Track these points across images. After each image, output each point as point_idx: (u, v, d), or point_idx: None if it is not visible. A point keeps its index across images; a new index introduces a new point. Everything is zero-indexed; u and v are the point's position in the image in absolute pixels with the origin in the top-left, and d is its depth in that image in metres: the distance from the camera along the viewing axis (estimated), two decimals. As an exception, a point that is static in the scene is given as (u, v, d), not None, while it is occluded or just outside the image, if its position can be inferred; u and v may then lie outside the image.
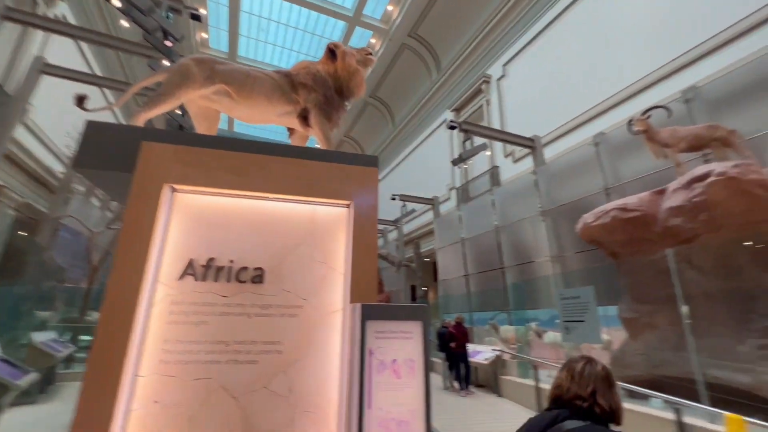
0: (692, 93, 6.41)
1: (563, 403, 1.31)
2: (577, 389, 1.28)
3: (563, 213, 8.95)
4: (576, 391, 1.28)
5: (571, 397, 1.29)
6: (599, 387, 1.27)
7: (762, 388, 3.59)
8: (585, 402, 1.26)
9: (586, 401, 1.26)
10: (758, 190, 3.73)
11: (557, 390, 1.35)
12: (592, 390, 1.27)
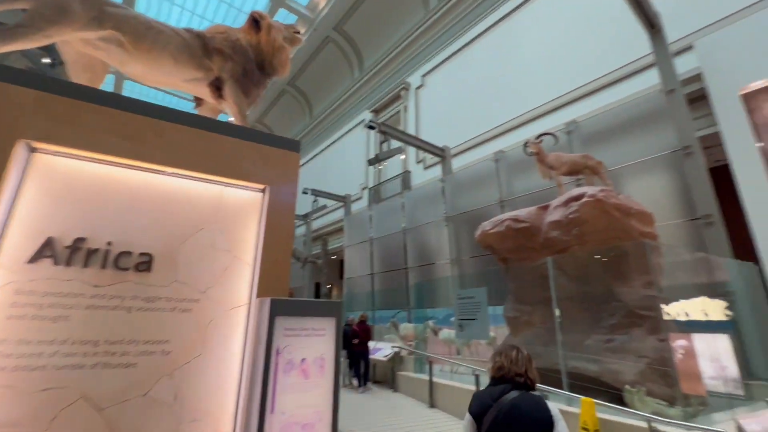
0: (573, 126, 7.56)
1: (506, 380, 1.78)
2: (516, 369, 1.78)
3: (464, 220, 9.73)
4: (515, 371, 1.78)
5: (513, 375, 1.77)
6: (528, 366, 1.80)
7: (604, 374, 4.37)
8: (522, 378, 1.76)
9: (522, 377, 1.76)
10: (615, 212, 4.56)
11: (500, 371, 1.81)
12: (525, 369, 1.78)
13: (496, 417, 1.65)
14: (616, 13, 7.45)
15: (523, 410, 1.65)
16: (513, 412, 1.64)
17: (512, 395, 1.70)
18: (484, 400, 1.75)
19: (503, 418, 1.64)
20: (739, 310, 5.23)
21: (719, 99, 5.80)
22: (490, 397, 1.74)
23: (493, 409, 1.68)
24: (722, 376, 5.21)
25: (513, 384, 1.75)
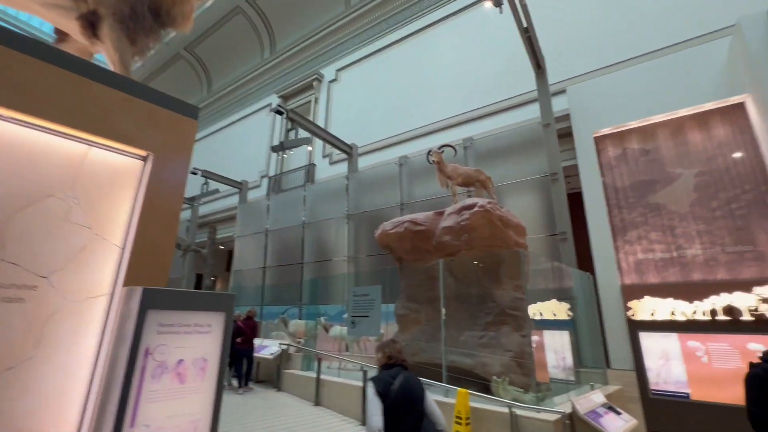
0: (469, 142, 8.32)
1: (395, 366, 2.45)
2: (400, 357, 2.51)
3: (365, 219, 9.89)
4: (400, 358, 2.50)
5: (399, 361, 2.49)
6: (405, 353, 2.59)
7: (477, 367, 4.89)
8: (404, 363, 2.50)
9: (404, 362, 2.50)
10: (498, 223, 5.15)
11: (390, 359, 2.48)
12: (403, 357, 2.54)
13: (398, 390, 2.24)
14: (514, 49, 8.45)
15: (412, 384, 2.34)
16: (406, 386, 2.29)
17: (403, 375, 2.37)
18: (385, 381, 2.31)
19: (401, 390, 2.25)
20: (578, 312, 6.39)
21: (579, 138, 7.03)
22: (389, 377, 2.33)
23: (394, 385, 2.25)
24: (562, 366, 6.30)
25: (401, 367, 2.43)
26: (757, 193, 5.55)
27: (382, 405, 2.16)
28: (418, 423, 2.18)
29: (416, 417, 2.21)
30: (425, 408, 2.27)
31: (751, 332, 4.97)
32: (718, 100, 5.99)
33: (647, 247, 6.13)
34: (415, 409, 2.22)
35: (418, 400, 2.26)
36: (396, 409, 2.17)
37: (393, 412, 2.16)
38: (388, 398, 2.19)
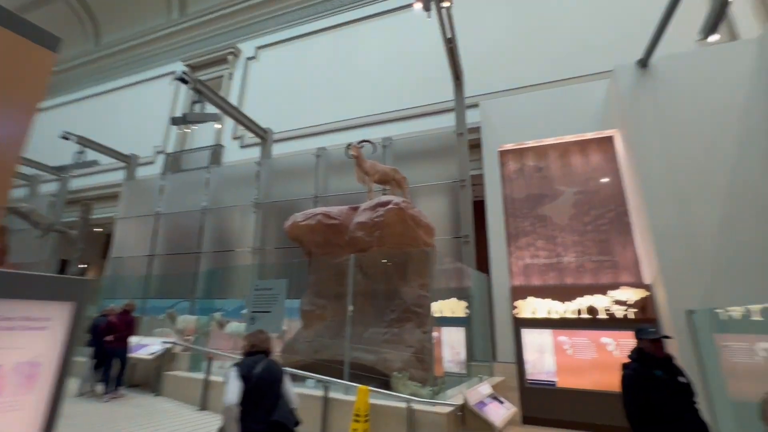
0: (389, 142, 8.43)
1: (258, 352, 2.67)
2: (263, 345, 2.74)
3: (275, 209, 9.34)
4: (263, 346, 2.73)
5: (264, 348, 2.73)
6: (268, 343, 2.80)
7: (379, 363, 4.92)
8: (266, 350, 2.73)
9: (269, 349, 2.76)
10: (410, 222, 5.27)
11: (253, 347, 2.70)
12: (267, 345, 2.77)
13: (260, 374, 2.49)
14: (436, 58, 8.81)
15: (272, 369, 2.61)
16: (268, 370, 2.56)
17: (266, 361, 2.63)
18: (248, 365, 2.53)
19: (263, 374, 2.52)
20: (474, 310, 6.91)
21: (487, 150, 7.62)
22: (253, 362, 2.56)
23: (257, 369, 2.51)
24: (456, 360, 6.74)
25: (264, 354, 2.68)
26: (616, 213, 6.65)
27: (244, 386, 2.41)
28: (275, 402, 2.48)
29: (274, 398, 2.50)
30: (282, 390, 2.57)
31: (604, 328, 5.93)
32: (595, 131, 7.03)
33: (534, 253, 6.91)
34: (273, 390, 2.52)
35: (277, 382, 2.56)
36: (257, 391, 2.45)
37: (254, 393, 2.44)
38: (250, 381, 2.44)
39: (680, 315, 5.27)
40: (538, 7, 9.15)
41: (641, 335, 2.91)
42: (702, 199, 5.60)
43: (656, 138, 6.05)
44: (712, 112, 5.89)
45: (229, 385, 2.42)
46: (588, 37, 8.41)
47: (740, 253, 5.22)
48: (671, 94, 6.18)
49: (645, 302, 5.84)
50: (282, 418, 2.43)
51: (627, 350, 5.69)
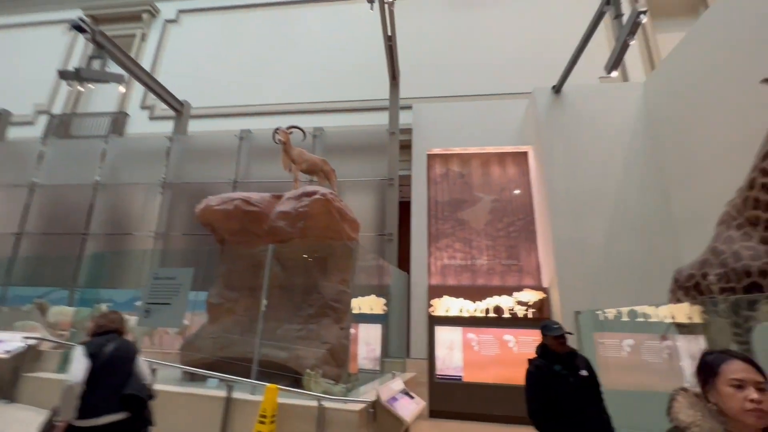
0: (320, 131, 8.15)
1: (108, 332, 2.62)
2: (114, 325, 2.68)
3: (186, 191, 8.43)
4: (114, 326, 2.67)
5: (115, 328, 2.67)
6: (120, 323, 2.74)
7: (291, 360, 4.67)
8: (121, 329, 2.71)
9: (121, 329, 2.72)
10: (336, 214, 5.11)
11: (101, 327, 2.65)
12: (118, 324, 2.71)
13: (110, 352, 2.47)
14: (375, 56, 8.79)
15: (125, 347, 2.58)
16: (119, 349, 2.53)
17: (118, 340, 2.60)
18: (98, 344, 2.49)
19: (114, 352, 2.49)
20: (392, 307, 7.00)
21: (416, 152, 7.80)
22: (103, 341, 2.52)
23: (107, 348, 2.48)
24: (370, 357, 6.75)
25: (116, 333, 2.64)
26: (525, 222, 7.29)
27: (92, 365, 2.37)
28: (125, 380, 2.44)
29: (125, 376, 2.46)
30: (134, 369, 2.51)
31: (507, 326, 6.44)
32: (513, 145, 7.63)
33: (452, 254, 7.24)
34: (124, 369, 2.48)
35: (128, 360, 2.52)
36: (105, 369, 2.41)
37: (102, 372, 2.39)
38: (98, 359, 2.41)
39: (570, 315, 5.93)
40: (474, 26, 9.67)
41: (545, 332, 2.88)
42: (594, 214, 6.40)
43: (561, 157, 6.76)
44: (606, 139, 6.78)
45: (75, 363, 2.36)
46: (515, 59, 9.12)
47: (620, 264, 6.08)
48: (576, 119, 6.96)
49: (542, 303, 6.48)
50: (134, 391, 2.42)
51: (526, 346, 6.28)
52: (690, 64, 5.86)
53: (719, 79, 5.21)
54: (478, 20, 9.72)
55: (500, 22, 9.62)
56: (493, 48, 9.33)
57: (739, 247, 3.66)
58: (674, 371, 5.38)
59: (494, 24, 9.62)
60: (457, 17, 9.84)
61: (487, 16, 9.73)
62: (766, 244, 3.56)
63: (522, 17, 9.58)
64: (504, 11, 9.72)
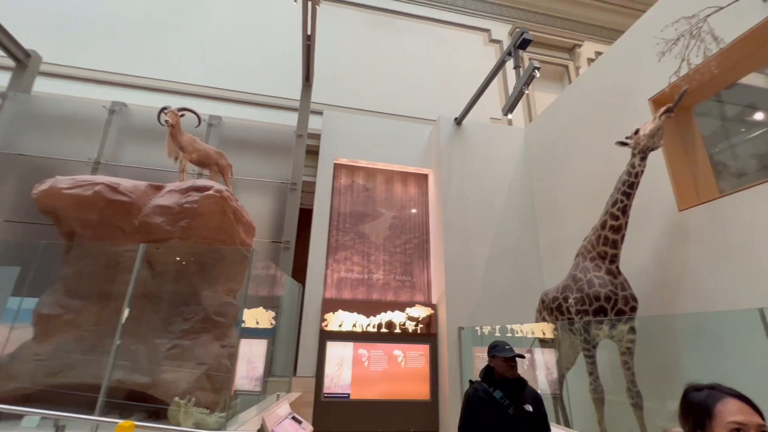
0: (217, 120, 7.26)
1: None
2: None
3: (19, 164, 6.52)
4: None
5: None
6: None
7: (156, 386, 3.85)
8: None
9: None
10: (231, 216, 4.50)
11: None
12: None
13: None
14: (292, 54, 8.33)
15: None
16: None
17: None
18: None
19: None
20: (281, 321, 6.48)
21: (323, 159, 7.55)
22: None
23: None
24: (252, 377, 6.09)
25: None
26: (420, 240, 7.64)
27: None
28: None
29: None
30: None
31: (397, 341, 6.55)
32: (416, 166, 8.00)
33: (349, 267, 7.12)
34: None
35: None
36: None
37: None
38: None
39: (454, 331, 6.35)
40: (392, 48, 10.01)
41: (494, 352, 2.53)
42: (480, 239, 7.06)
43: (457, 184, 7.34)
44: (495, 173, 7.63)
45: None
46: (425, 86, 9.71)
47: (497, 285, 6.79)
48: (472, 151, 7.68)
49: (431, 319, 6.81)
50: None
51: (413, 361, 6.47)
52: (558, 122, 7.04)
53: (581, 138, 6.35)
54: (396, 44, 10.11)
55: (416, 50, 10.19)
56: (406, 72, 9.78)
57: (592, 276, 4.38)
58: (532, 380, 6.13)
59: (411, 51, 10.13)
60: (378, 36, 10.07)
61: (405, 42, 10.20)
62: (610, 274, 4.33)
63: (435, 50, 10.31)
64: (420, 41, 10.33)
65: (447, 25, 10.65)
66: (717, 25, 3.65)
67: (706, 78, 3.72)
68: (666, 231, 4.63)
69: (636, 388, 4.00)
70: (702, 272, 4.17)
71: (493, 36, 10.85)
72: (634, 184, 4.25)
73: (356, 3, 10.18)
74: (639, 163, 4.24)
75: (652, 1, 5.47)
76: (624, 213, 4.26)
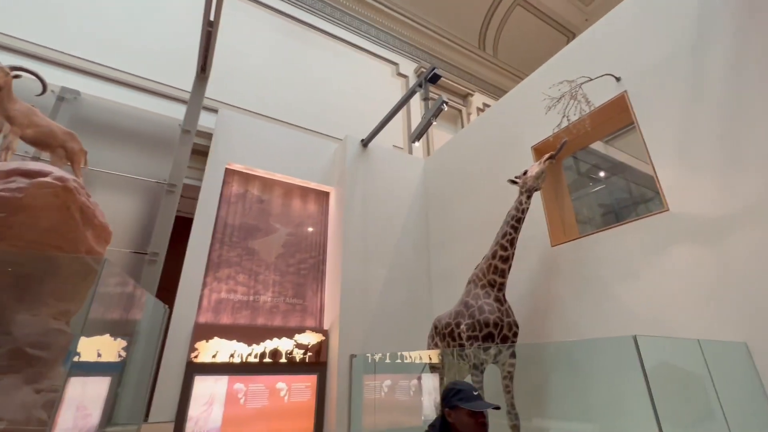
0: (73, 95, 5.77)
1: None
2: None
3: None
4: None
5: None
6: None
7: None
8: None
9: None
10: (77, 215, 3.42)
11: None
12: None
13: None
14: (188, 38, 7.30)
15: None
16: None
17: None
18: None
19: None
20: (134, 351, 5.21)
21: (213, 161, 6.64)
22: None
23: None
24: (82, 427, 4.66)
25: None
26: (316, 261, 7.21)
27: None
28: None
29: None
30: None
31: (282, 373, 5.88)
32: (317, 182, 7.66)
33: (233, 287, 6.23)
34: None
35: None
36: None
37: None
38: None
39: (346, 359, 6.00)
40: (303, 59, 9.65)
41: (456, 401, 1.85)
42: (378, 263, 6.99)
43: (359, 206, 7.23)
44: (395, 199, 7.77)
45: None
46: (333, 103, 9.55)
47: (392, 310, 6.73)
48: (376, 174, 7.72)
49: (321, 346, 6.34)
50: None
51: (298, 394, 5.85)
52: (453, 159, 7.62)
53: (472, 175, 6.92)
54: (309, 57, 9.81)
55: (328, 68, 10.03)
56: (315, 87, 9.51)
57: (482, 302, 4.60)
58: (417, 407, 6.14)
59: (323, 67, 9.93)
60: (289, 43, 9.63)
61: (319, 58, 9.98)
62: (497, 301, 4.61)
63: (346, 72, 10.32)
64: (333, 60, 10.24)
65: (360, 51, 10.85)
66: (589, 92, 4.37)
67: (582, 133, 4.38)
68: (540, 264, 5.21)
69: (515, 410, 4.23)
70: (567, 302, 4.75)
71: (401, 70, 11.46)
72: (521, 219, 4.68)
73: (274, 8, 9.64)
74: (525, 200, 4.71)
75: (530, 71, 6.38)
76: (512, 245, 4.64)
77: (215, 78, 7.06)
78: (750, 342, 3.18)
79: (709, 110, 3.82)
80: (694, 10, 4.10)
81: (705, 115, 3.84)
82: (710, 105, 3.81)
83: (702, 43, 4.00)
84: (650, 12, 4.56)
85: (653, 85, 4.31)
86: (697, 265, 3.64)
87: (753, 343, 3.17)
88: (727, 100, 3.71)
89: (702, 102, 3.89)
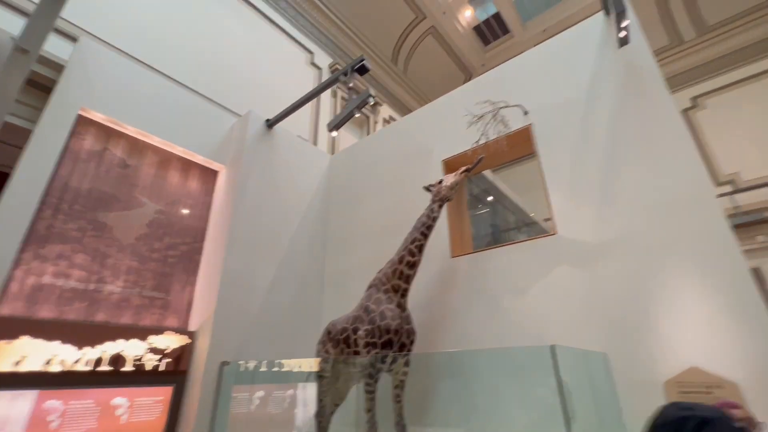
0: None
1: None
2: None
3: None
4: None
5: None
6: None
7: None
8: None
9: None
10: None
11: None
12: None
13: None
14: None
15: None
16: None
17: None
18: None
19: None
20: None
21: (59, 102, 4.99)
22: None
23: None
24: None
25: None
26: (190, 248, 6.04)
27: None
28: None
29: None
30: None
31: (123, 385, 4.60)
32: (206, 157, 6.50)
33: (64, 270, 4.69)
34: None
35: None
36: None
37: None
38: None
39: (215, 367, 5.05)
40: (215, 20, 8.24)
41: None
42: (268, 257, 6.22)
43: (254, 191, 6.38)
44: (296, 190, 7.13)
45: None
46: (239, 75, 8.39)
47: (277, 312, 6.02)
48: (278, 160, 6.96)
49: (183, 351, 5.22)
50: None
51: (143, 412, 4.64)
52: (359, 162, 7.43)
53: (376, 180, 6.82)
54: (217, 12, 8.45)
55: (239, 36, 8.79)
56: (219, 49, 8.19)
57: (384, 308, 4.40)
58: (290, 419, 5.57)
59: (232, 34, 8.65)
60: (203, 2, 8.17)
61: (229, 17, 8.68)
62: (400, 307, 4.48)
63: (258, 46, 9.23)
64: (245, 30, 9.05)
65: (275, 28, 9.89)
66: (507, 115, 4.68)
67: (497, 153, 4.63)
68: (440, 273, 5.31)
69: (403, 420, 4.09)
70: (460, 313, 4.91)
71: (315, 60, 10.88)
72: (431, 227, 4.68)
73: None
74: (437, 209, 4.73)
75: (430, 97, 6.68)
76: (420, 251, 4.58)
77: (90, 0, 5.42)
78: (609, 352, 3.68)
79: (594, 152, 4.45)
80: (590, 67, 4.80)
81: (590, 156, 4.46)
82: (595, 148, 4.45)
83: (592, 96, 4.68)
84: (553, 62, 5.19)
85: (553, 124, 4.87)
86: (574, 284, 4.12)
87: (610, 354, 3.67)
88: (607, 147, 4.38)
89: (589, 144, 4.52)
